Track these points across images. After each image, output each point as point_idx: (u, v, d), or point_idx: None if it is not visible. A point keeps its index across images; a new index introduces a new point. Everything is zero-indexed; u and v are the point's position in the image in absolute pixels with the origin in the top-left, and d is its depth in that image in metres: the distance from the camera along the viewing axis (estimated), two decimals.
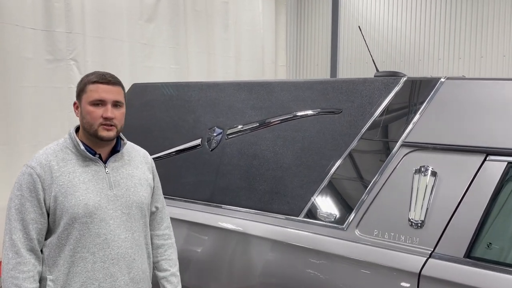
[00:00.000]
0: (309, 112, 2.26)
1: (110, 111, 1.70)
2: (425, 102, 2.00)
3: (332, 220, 2.04)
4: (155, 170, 1.97)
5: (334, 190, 2.10)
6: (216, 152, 2.46)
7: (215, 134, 2.50)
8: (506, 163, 1.77)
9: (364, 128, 2.10)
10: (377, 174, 1.99)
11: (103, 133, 1.71)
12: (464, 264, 1.71)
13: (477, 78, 2.10)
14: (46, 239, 1.71)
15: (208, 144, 2.52)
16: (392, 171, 1.96)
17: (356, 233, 1.96)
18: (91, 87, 1.71)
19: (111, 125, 1.71)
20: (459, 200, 1.80)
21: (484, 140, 1.83)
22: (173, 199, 2.48)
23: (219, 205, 2.37)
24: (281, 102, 2.36)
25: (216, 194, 2.39)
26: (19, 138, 4.25)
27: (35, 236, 1.66)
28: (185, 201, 2.47)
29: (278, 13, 7.45)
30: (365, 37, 7.11)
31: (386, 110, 2.08)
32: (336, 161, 2.12)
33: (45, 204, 1.67)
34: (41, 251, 1.70)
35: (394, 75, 2.22)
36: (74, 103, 1.77)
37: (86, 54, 4.75)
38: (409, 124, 2.00)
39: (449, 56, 6.37)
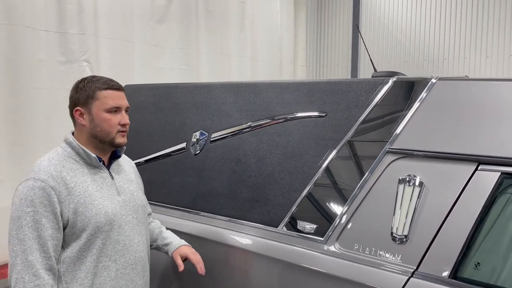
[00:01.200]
0: (293, 115, 2.12)
1: (126, 118, 1.74)
2: (414, 105, 1.83)
3: (312, 232, 1.90)
4: (138, 173, 2.00)
5: (315, 200, 1.95)
6: (199, 157, 2.36)
7: (200, 138, 2.40)
8: (499, 173, 1.58)
9: (348, 133, 1.94)
10: (360, 183, 1.83)
11: (120, 139, 1.72)
12: (449, 286, 1.54)
13: (472, 79, 1.90)
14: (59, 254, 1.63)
15: (192, 148, 2.42)
16: (376, 180, 1.80)
17: (336, 246, 1.81)
18: (104, 93, 1.69)
19: (125, 131, 1.74)
20: (446, 214, 1.62)
21: (475, 147, 1.64)
22: (156, 205, 2.39)
23: (199, 212, 2.26)
24: (265, 104, 2.23)
25: (196, 201, 2.29)
26: (32, 139, 4.28)
27: (53, 254, 1.57)
28: (167, 207, 2.39)
29: (297, 12, 7.29)
30: (387, 36, 6.89)
31: (372, 114, 1.92)
32: (318, 168, 1.97)
33: (62, 218, 1.58)
34: None
35: (391, 76, 2.06)
36: (76, 110, 1.70)
37: (99, 55, 4.77)
38: (395, 129, 1.83)
39: (476, 54, 6.00)
